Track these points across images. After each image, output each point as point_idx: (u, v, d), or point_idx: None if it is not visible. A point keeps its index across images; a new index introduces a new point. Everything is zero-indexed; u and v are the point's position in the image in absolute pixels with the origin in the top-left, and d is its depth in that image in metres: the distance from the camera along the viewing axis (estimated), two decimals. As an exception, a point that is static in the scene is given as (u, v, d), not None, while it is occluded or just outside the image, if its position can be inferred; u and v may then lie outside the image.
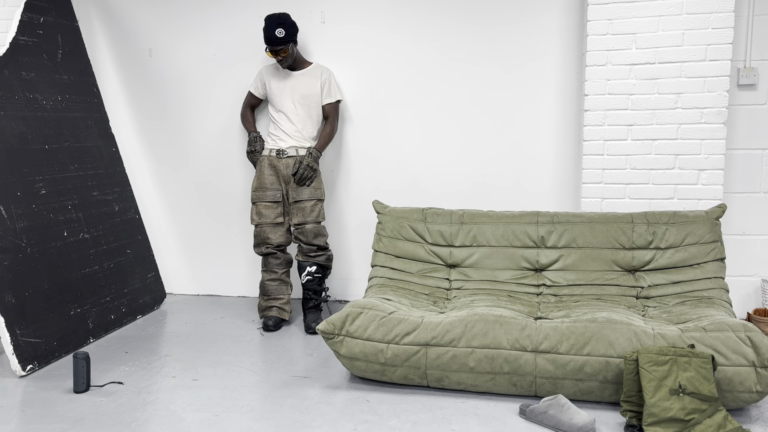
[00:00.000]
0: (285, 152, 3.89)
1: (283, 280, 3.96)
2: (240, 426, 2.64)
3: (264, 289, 3.94)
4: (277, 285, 3.93)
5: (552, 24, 3.94)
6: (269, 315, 3.88)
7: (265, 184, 3.87)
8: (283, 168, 3.88)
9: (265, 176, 3.88)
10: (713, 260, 3.29)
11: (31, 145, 3.54)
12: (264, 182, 3.88)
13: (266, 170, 3.89)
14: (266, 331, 3.84)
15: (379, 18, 4.14)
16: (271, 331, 3.84)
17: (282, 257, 3.94)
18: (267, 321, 3.84)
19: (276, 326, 3.86)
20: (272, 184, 3.88)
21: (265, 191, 3.87)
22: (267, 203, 3.87)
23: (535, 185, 4.09)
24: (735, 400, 2.61)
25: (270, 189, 3.87)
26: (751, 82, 3.71)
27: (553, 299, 3.30)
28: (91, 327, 3.67)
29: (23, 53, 3.65)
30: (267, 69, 4.01)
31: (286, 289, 3.96)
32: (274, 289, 3.93)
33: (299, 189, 3.86)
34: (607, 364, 2.69)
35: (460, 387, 2.91)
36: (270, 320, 3.85)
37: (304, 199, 3.86)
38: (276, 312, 3.90)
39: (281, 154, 3.89)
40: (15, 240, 3.29)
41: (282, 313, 3.91)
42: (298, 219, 3.86)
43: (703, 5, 3.57)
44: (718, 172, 3.66)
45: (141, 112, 4.55)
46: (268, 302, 3.92)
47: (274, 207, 3.88)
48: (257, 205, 3.89)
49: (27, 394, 2.98)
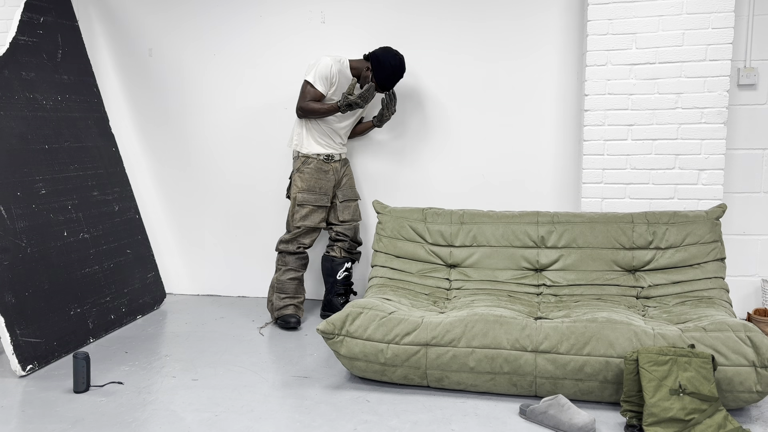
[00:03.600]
0: (333, 157, 3.90)
1: (301, 280, 3.95)
2: (240, 426, 2.64)
3: (283, 287, 3.87)
4: (297, 284, 3.91)
5: (552, 24, 3.94)
6: (289, 313, 3.85)
7: (315, 188, 3.83)
8: (332, 172, 3.88)
9: (315, 179, 3.83)
10: (713, 260, 3.29)
11: (31, 145, 3.53)
12: (314, 186, 3.83)
13: (315, 174, 3.83)
14: (287, 329, 3.83)
15: (379, 18, 4.14)
16: (293, 329, 3.83)
17: (306, 258, 3.95)
18: (289, 318, 3.81)
19: (298, 322, 3.83)
20: (321, 189, 3.84)
21: (315, 194, 3.83)
22: (315, 206, 3.83)
23: (536, 185, 4.09)
24: (735, 400, 2.61)
25: (318, 193, 3.83)
26: (752, 82, 3.71)
27: (553, 299, 3.30)
28: (91, 327, 3.67)
29: (23, 53, 3.65)
30: (341, 72, 3.77)
31: (303, 289, 3.96)
32: (294, 288, 3.89)
33: (345, 189, 3.95)
34: (607, 364, 2.69)
35: (460, 387, 2.91)
36: (293, 317, 3.82)
37: (351, 198, 3.98)
38: (293, 310, 3.87)
39: (330, 159, 3.88)
40: (15, 240, 3.29)
41: (299, 311, 3.90)
42: (346, 216, 3.92)
43: (703, 5, 3.57)
44: (719, 172, 3.66)
45: (141, 112, 4.55)
46: (285, 300, 3.87)
47: (320, 212, 3.86)
48: (304, 207, 3.82)
49: (27, 394, 2.98)
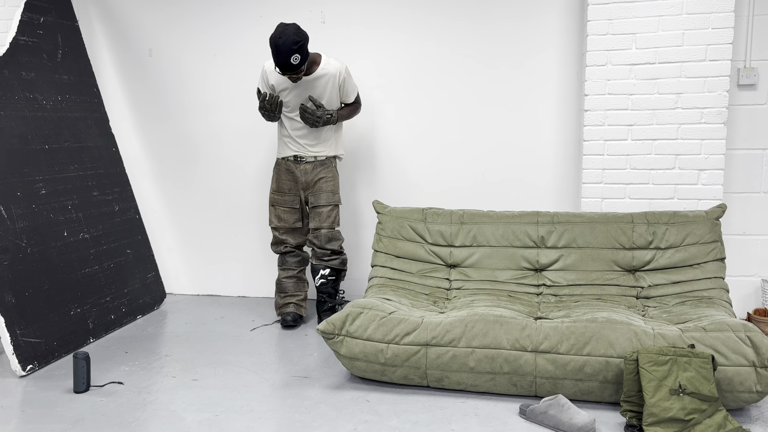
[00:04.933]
0: (303, 158, 3.79)
1: (300, 278, 3.96)
2: (240, 426, 2.64)
3: (281, 286, 3.93)
4: (294, 282, 3.93)
5: (552, 24, 3.94)
6: (287, 311, 3.88)
7: (283, 188, 3.84)
8: (300, 174, 3.80)
9: (282, 181, 3.84)
10: (713, 260, 3.29)
11: (31, 145, 3.53)
12: (282, 187, 3.84)
13: (283, 175, 3.83)
14: (285, 327, 3.85)
15: (379, 18, 4.14)
16: (290, 327, 3.85)
17: (300, 255, 3.94)
18: (285, 317, 3.85)
19: (295, 321, 3.85)
20: (290, 190, 3.83)
21: (284, 196, 3.84)
22: (285, 208, 3.85)
23: (536, 185, 4.09)
24: (735, 400, 2.61)
25: (288, 194, 3.84)
26: (751, 82, 3.71)
27: (553, 299, 3.30)
28: (91, 327, 3.67)
29: (23, 53, 3.65)
30: (272, 72, 3.68)
31: (303, 286, 3.96)
32: (291, 286, 3.92)
33: (317, 194, 3.79)
34: (607, 364, 2.69)
35: (460, 387, 2.91)
36: (288, 315, 3.85)
37: (321, 204, 3.79)
38: (293, 308, 3.89)
39: (299, 160, 3.80)
40: (15, 240, 3.29)
41: (299, 309, 3.91)
42: (315, 224, 3.81)
43: (703, 5, 3.57)
44: (718, 172, 3.66)
45: (141, 112, 4.55)
46: (285, 299, 3.91)
47: (292, 212, 3.86)
48: (276, 209, 3.87)
49: (27, 394, 2.98)
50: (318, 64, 3.63)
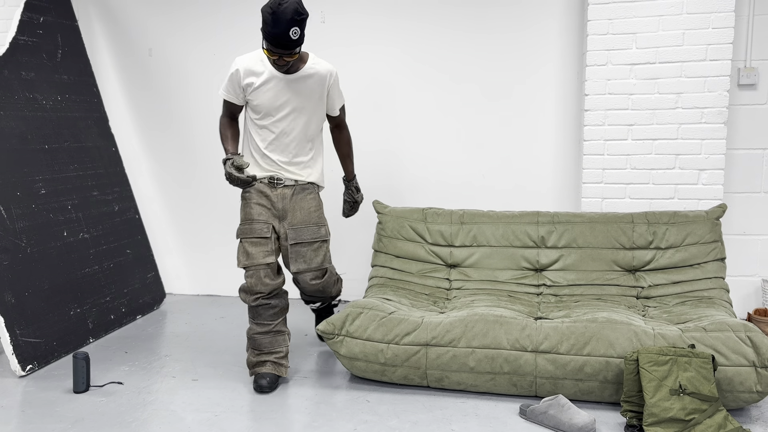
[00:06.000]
0: (280, 181, 3.06)
1: (278, 331, 3.05)
2: (240, 426, 2.64)
3: (254, 342, 3.03)
4: (270, 338, 3.03)
5: (552, 24, 3.94)
6: (262, 372, 3.00)
7: (252, 215, 3.02)
8: (277, 200, 3.04)
9: (251, 206, 3.03)
10: (713, 260, 3.29)
11: (31, 145, 3.53)
12: (251, 213, 3.02)
13: (254, 197, 3.03)
14: (260, 392, 2.97)
15: (379, 18, 4.14)
16: (265, 393, 2.96)
17: (276, 305, 3.03)
18: (260, 380, 2.96)
19: (271, 386, 2.97)
20: (260, 215, 3.01)
21: (252, 224, 3.01)
22: (253, 239, 2.99)
23: (536, 185, 4.09)
24: (735, 400, 2.61)
25: (257, 221, 3.01)
26: (752, 81, 3.71)
27: (554, 299, 3.30)
28: (91, 327, 3.67)
29: (23, 53, 3.65)
30: (247, 68, 2.98)
31: (283, 339, 3.06)
32: (267, 343, 3.02)
33: (299, 229, 3.03)
34: (607, 364, 2.69)
35: (460, 387, 2.91)
36: (264, 378, 2.97)
37: (304, 241, 3.04)
38: (271, 368, 3.02)
39: (276, 183, 3.06)
40: (15, 240, 3.29)
41: (278, 369, 3.02)
42: (297, 266, 3.03)
43: (703, 5, 3.57)
44: (719, 172, 3.65)
45: (141, 112, 4.54)
46: (260, 357, 3.03)
47: (263, 243, 2.99)
48: (243, 243, 3.01)
49: (27, 394, 2.98)
50: (305, 62, 3.01)
